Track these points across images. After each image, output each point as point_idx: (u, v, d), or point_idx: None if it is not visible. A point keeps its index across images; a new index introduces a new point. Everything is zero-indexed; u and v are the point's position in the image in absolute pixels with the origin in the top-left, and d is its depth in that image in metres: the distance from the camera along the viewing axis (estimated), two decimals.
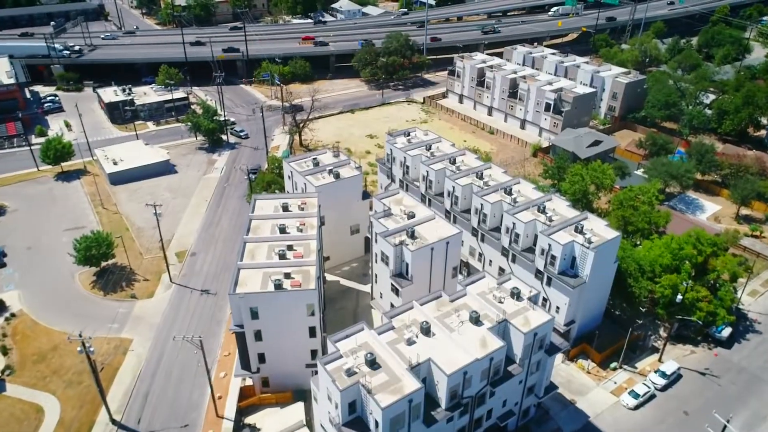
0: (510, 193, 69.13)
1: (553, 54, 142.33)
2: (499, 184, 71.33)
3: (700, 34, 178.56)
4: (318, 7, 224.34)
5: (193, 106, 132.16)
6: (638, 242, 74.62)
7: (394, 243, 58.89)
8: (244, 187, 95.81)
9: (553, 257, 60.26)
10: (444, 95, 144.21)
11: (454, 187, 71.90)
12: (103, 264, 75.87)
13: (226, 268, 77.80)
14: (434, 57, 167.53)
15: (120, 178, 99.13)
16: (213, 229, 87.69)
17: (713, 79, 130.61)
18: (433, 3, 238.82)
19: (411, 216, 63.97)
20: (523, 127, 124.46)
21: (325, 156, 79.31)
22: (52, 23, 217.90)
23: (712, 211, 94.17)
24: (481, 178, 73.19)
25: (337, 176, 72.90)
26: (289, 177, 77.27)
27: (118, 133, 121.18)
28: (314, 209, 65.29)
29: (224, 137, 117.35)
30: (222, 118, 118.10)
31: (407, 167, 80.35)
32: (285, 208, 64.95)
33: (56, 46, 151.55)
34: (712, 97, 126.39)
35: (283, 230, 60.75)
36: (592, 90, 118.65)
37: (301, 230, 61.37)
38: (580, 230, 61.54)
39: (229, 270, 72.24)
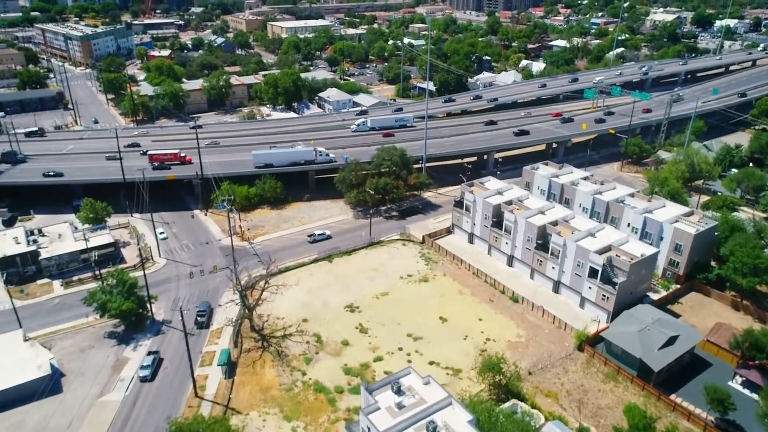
0: None
1: (586, 179, 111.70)
2: None
3: (752, 140, 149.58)
4: (303, 96, 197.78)
5: (128, 249, 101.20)
6: None
7: None
8: None
9: None
10: (449, 230, 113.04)
11: None
12: None
13: None
14: (434, 165, 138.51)
15: None
16: None
17: None
18: (433, 89, 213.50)
19: None
20: (557, 290, 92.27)
21: None
22: (3, 113, 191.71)
23: None
24: None
25: None
26: None
27: (9, 301, 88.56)
28: None
29: (149, 313, 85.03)
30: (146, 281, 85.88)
31: None
32: None
33: (320, 149, 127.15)
34: None
35: None
36: (654, 250, 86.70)
37: None
38: None
39: None
